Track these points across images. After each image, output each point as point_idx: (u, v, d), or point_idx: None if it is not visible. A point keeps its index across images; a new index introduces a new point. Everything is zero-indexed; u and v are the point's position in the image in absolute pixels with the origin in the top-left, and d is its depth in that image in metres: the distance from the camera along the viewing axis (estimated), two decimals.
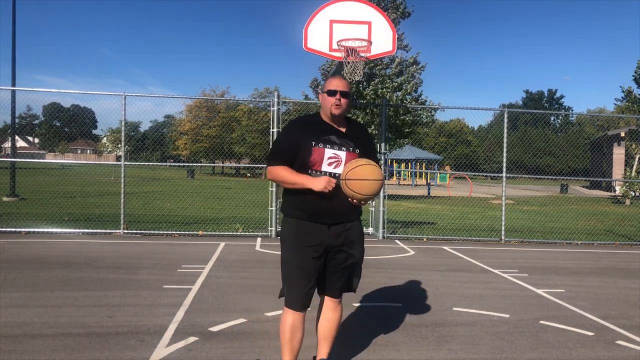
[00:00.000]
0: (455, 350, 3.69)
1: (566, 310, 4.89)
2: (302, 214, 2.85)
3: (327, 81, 2.94)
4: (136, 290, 5.10)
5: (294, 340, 2.88)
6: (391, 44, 8.41)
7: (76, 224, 9.48)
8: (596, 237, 10.48)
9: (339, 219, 2.84)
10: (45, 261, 6.37)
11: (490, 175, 16.45)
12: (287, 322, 2.86)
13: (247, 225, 10.29)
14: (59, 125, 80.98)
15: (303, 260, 2.82)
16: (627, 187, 21.71)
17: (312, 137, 2.83)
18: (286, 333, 2.87)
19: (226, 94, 48.75)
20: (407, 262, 7.17)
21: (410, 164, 35.87)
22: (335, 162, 2.82)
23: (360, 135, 2.98)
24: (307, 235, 2.82)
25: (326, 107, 2.88)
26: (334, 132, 2.89)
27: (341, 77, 2.95)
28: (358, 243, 2.93)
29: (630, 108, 23.09)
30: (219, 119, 45.31)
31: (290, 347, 2.89)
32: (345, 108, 2.88)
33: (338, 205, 2.81)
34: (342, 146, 2.86)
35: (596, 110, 66.46)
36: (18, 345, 3.51)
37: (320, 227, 2.82)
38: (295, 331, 2.87)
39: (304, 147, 2.82)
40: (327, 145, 2.84)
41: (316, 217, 2.82)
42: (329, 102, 2.86)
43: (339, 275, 2.93)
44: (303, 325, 2.90)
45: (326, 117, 2.93)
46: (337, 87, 2.86)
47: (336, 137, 2.87)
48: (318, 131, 2.87)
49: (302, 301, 2.84)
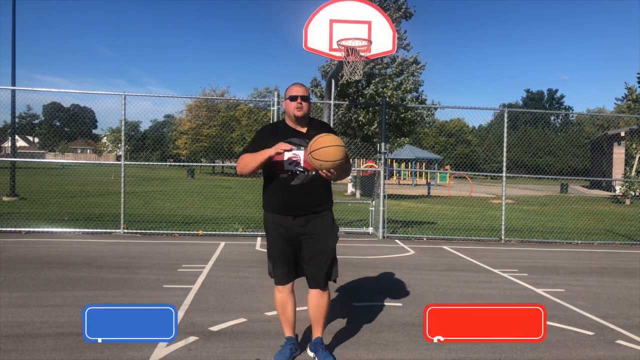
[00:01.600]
0: (455, 350, 3.69)
1: (566, 310, 4.89)
2: (272, 208, 3.36)
3: (288, 89, 3.35)
4: (136, 290, 5.10)
5: (286, 312, 3.42)
6: (391, 44, 8.42)
7: (76, 224, 9.48)
8: (596, 237, 10.48)
9: (302, 211, 3.29)
10: (45, 261, 6.37)
11: (490, 174, 16.47)
12: (277, 298, 3.43)
13: (247, 225, 10.29)
14: (59, 124, 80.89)
15: (276, 244, 3.36)
16: (627, 187, 21.69)
17: (274, 141, 3.22)
18: (278, 308, 3.44)
19: (226, 94, 48.68)
20: (407, 262, 7.17)
21: (410, 164, 35.85)
22: (294, 161, 3.26)
23: (319, 131, 3.27)
24: (276, 224, 3.34)
25: (289, 111, 3.32)
26: (295, 133, 3.32)
27: (300, 84, 3.37)
28: (327, 232, 3.35)
29: (631, 107, 23.07)
30: (219, 119, 45.29)
31: (284, 319, 3.44)
32: (306, 110, 3.32)
33: (301, 199, 3.27)
34: (301, 145, 3.26)
35: (596, 110, 66.45)
36: (18, 345, 3.52)
37: (286, 217, 3.30)
38: (286, 304, 3.40)
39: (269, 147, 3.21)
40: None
41: (282, 209, 3.31)
42: (292, 106, 3.29)
43: (313, 265, 3.34)
44: (291, 297, 3.42)
45: (290, 121, 3.38)
46: (297, 92, 3.30)
47: (297, 139, 3.29)
48: (280, 135, 3.29)
49: (283, 279, 3.38)
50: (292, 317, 3.44)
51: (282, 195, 3.28)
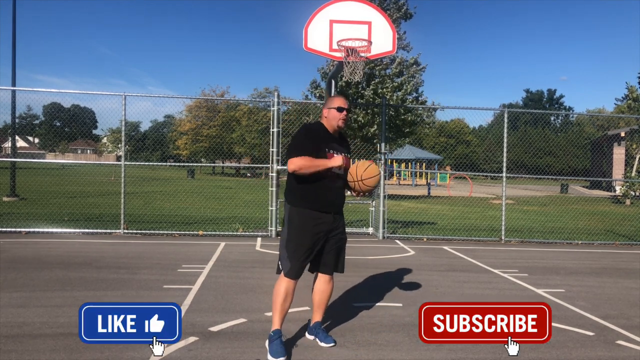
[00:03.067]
0: (455, 350, 3.69)
1: (566, 310, 4.89)
2: (315, 205, 3.55)
3: (334, 99, 3.66)
4: (136, 290, 5.10)
5: (285, 304, 3.54)
6: (391, 44, 8.41)
7: (76, 224, 9.48)
8: (596, 237, 10.47)
9: (338, 208, 3.66)
10: (45, 261, 6.37)
11: (490, 175, 16.45)
12: (283, 288, 3.53)
13: (247, 225, 10.29)
14: (59, 125, 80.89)
15: (310, 240, 3.53)
16: (627, 187, 21.68)
17: (324, 144, 3.58)
18: (280, 296, 3.52)
19: (226, 94, 48.69)
20: (407, 262, 7.17)
21: (410, 164, 35.85)
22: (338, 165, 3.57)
23: (346, 143, 3.81)
24: (317, 221, 3.55)
25: (334, 120, 3.63)
26: (335, 140, 3.68)
27: (345, 97, 3.59)
28: (344, 230, 3.75)
29: (632, 107, 23.05)
30: (219, 119, 45.28)
31: (281, 309, 3.54)
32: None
33: (338, 198, 3.63)
34: (339, 152, 3.63)
35: (596, 110, 66.45)
36: (18, 345, 3.52)
37: (327, 215, 3.58)
38: (288, 296, 3.54)
39: (321, 151, 3.54)
40: (331, 150, 3.60)
41: (326, 207, 3.58)
42: (337, 117, 3.61)
43: (333, 253, 3.66)
44: (293, 293, 3.58)
45: (329, 127, 3.66)
46: (344, 105, 3.62)
47: (336, 145, 3.66)
48: (327, 139, 3.62)
49: (298, 274, 3.55)
50: (287, 310, 3.61)
51: (327, 194, 3.55)
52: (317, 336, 3.77)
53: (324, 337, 3.75)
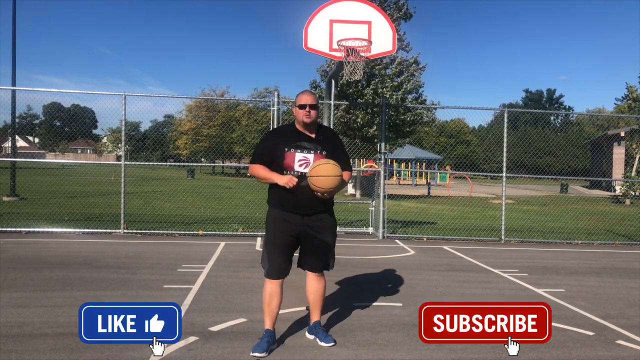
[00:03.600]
0: (455, 350, 3.69)
1: (566, 310, 4.89)
2: (282, 205, 3.58)
3: (298, 96, 3.61)
4: (136, 290, 5.10)
5: (272, 304, 3.60)
6: (391, 44, 8.42)
7: (76, 224, 9.48)
8: (596, 237, 10.47)
9: (310, 210, 3.56)
10: (45, 261, 6.37)
11: (490, 175, 16.45)
12: (267, 290, 3.62)
13: (247, 225, 10.29)
14: (59, 125, 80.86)
15: (279, 240, 3.59)
16: (627, 187, 21.68)
17: (285, 144, 3.54)
18: (266, 298, 3.62)
19: (226, 94, 48.69)
20: (407, 262, 7.17)
21: (410, 164, 35.85)
22: (304, 164, 3.51)
23: (328, 138, 3.68)
24: (285, 221, 3.57)
25: (299, 117, 3.59)
26: (305, 138, 3.59)
27: (310, 92, 3.62)
28: (329, 231, 3.66)
29: (632, 107, 23.06)
30: (219, 119, 45.28)
31: (269, 310, 3.61)
32: (314, 117, 3.58)
33: (309, 200, 3.52)
34: (310, 149, 3.55)
35: (596, 110, 66.43)
36: (18, 345, 3.52)
37: (295, 216, 3.55)
38: (273, 297, 3.60)
39: (278, 152, 3.53)
40: (298, 150, 3.53)
41: (292, 208, 3.55)
42: (301, 114, 3.56)
43: (315, 256, 3.66)
44: (279, 292, 3.62)
45: (299, 126, 3.63)
46: (306, 101, 3.56)
47: (306, 143, 3.57)
48: (291, 138, 3.57)
49: (277, 273, 3.60)
50: (276, 311, 3.63)
51: (292, 194, 3.50)
52: (317, 336, 3.76)
53: (323, 336, 3.74)
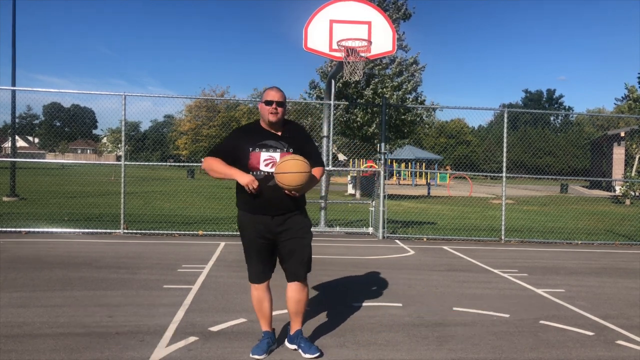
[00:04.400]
0: (455, 350, 3.69)
1: (566, 310, 4.89)
2: (250, 207, 3.36)
3: (265, 93, 3.37)
4: (136, 290, 5.10)
5: (263, 308, 3.51)
6: (391, 44, 8.42)
7: (76, 224, 9.48)
8: (596, 237, 10.47)
9: (279, 211, 3.32)
10: (45, 261, 6.37)
11: (490, 175, 16.45)
12: (254, 295, 3.52)
13: None
14: (59, 125, 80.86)
15: (253, 243, 3.39)
16: (627, 187, 21.69)
17: (249, 144, 3.31)
18: (255, 304, 3.53)
19: (226, 94, 48.68)
20: (407, 262, 7.17)
21: (410, 164, 35.85)
22: (270, 163, 3.28)
23: (295, 135, 3.43)
24: (255, 223, 3.35)
25: (264, 115, 3.34)
26: (270, 136, 3.36)
27: (277, 89, 3.38)
28: (304, 229, 3.40)
29: (632, 107, 23.06)
30: (219, 119, 45.27)
31: (261, 314, 3.53)
32: (281, 116, 3.34)
33: (277, 200, 3.28)
34: (277, 148, 3.31)
35: (596, 110, 66.45)
36: (18, 345, 3.51)
37: (263, 217, 3.33)
38: (262, 300, 3.49)
39: (242, 152, 3.30)
40: (263, 149, 3.30)
41: (259, 209, 3.32)
42: (267, 110, 3.32)
43: (293, 260, 3.39)
44: (267, 294, 3.51)
45: (264, 124, 3.40)
46: (273, 97, 3.32)
47: (272, 141, 3.33)
48: (256, 137, 3.34)
49: (258, 277, 3.46)
50: (269, 313, 3.54)
51: (259, 195, 3.28)
52: (300, 346, 3.47)
53: (307, 347, 3.43)
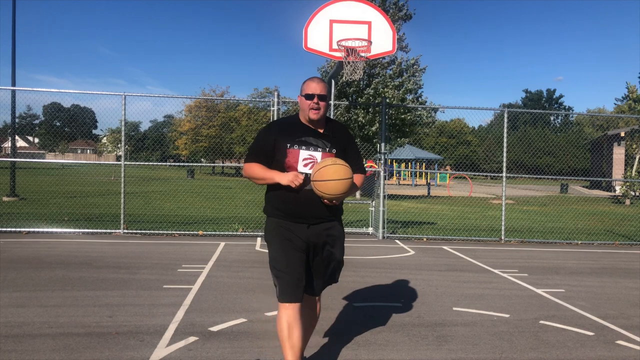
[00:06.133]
0: (455, 350, 3.69)
1: (566, 310, 4.89)
2: (283, 214, 2.91)
3: (305, 84, 2.92)
4: (136, 290, 5.10)
5: (292, 337, 2.75)
6: (391, 44, 8.42)
7: (76, 224, 9.48)
8: (596, 237, 10.48)
9: (316, 219, 2.89)
10: (45, 261, 6.37)
11: (490, 175, 16.44)
12: (283, 318, 2.78)
13: (247, 225, 10.29)
14: (59, 125, 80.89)
15: (288, 254, 2.86)
16: (627, 187, 21.69)
17: (287, 140, 2.87)
18: (284, 330, 2.76)
19: (226, 94, 48.70)
20: (407, 262, 7.17)
21: (410, 164, 35.85)
22: (310, 163, 2.85)
23: (338, 135, 2.99)
24: (289, 232, 2.88)
25: (305, 110, 2.90)
26: (311, 133, 2.92)
27: (319, 80, 2.94)
28: (339, 242, 2.99)
29: (632, 107, 23.05)
30: (219, 119, 45.27)
31: (290, 345, 2.75)
32: (324, 111, 2.90)
33: (314, 206, 2.85)
34: (318, 147, 2.89)
35: (596, 110, 66.44)
36: (18, 345, 3.51)
37: (298, 225, 2.88)
38: (293, 327, 2.76)
39: (279, 149, 2.87)
40: (303, 146, 2.86)
41: (294, 217, 2.88)
42: (307, 105, 2.88)
43: (322, 274, 2.99)
44: (299, 319, 2.79)
45: (304, 119, 2.95)
46: (314, 90, 2.87)
47: (313, 138, 2.90)
48: (295, 133, 2.90)
49: (293, 293, 2.80)
50: (299, 344, 2.77)
51: (295, 200, 2.84)
52: None
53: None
